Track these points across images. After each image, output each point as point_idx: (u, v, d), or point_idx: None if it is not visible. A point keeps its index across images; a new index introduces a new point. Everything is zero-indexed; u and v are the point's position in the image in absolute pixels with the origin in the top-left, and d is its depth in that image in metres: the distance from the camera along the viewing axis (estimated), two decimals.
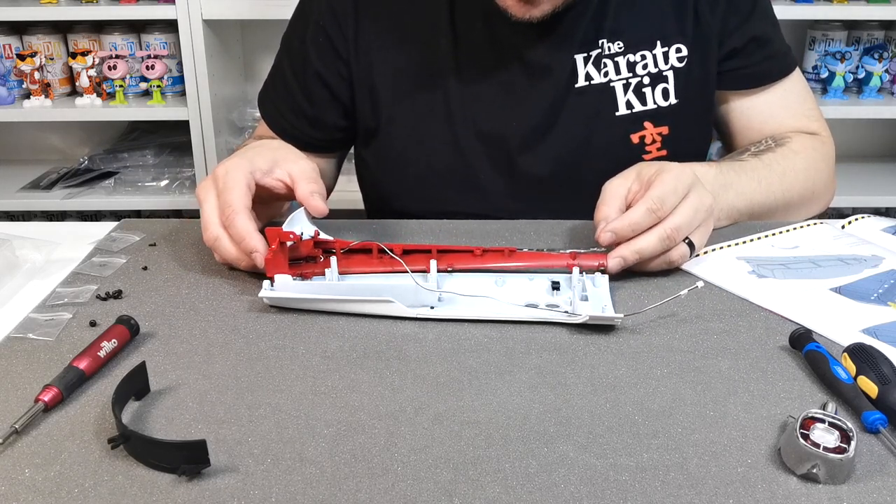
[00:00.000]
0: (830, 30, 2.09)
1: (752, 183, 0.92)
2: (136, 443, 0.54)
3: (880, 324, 0.70)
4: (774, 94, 1.04)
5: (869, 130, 2.34)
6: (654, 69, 0.98)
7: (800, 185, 0.97)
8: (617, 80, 0.98)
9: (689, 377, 0.64)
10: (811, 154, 1.00)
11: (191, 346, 0.68)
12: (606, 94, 0.98)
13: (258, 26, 2.20)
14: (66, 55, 2.11)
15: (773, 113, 1.04)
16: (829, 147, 1.05)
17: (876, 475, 0.53)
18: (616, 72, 0.98)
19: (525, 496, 0.51)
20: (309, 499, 0.51)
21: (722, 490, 0.51)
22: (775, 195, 0.94)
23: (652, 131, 0.99)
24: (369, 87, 1.01)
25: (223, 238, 0.77)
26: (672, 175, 0.77)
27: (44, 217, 2.24)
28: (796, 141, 1.00)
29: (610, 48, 0.97)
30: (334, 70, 1.01)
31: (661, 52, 0.98)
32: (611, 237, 0.76)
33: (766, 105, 1.04)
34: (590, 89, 0.98)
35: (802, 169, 0.98)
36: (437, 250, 0.78)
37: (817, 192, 1.01)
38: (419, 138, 1.01)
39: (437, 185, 1.02)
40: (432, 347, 0.68)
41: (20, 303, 0.77)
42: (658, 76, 0.98)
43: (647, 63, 0.98)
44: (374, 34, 1.00)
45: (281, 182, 0.82)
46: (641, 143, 0.99)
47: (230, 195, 0.77)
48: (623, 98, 0.98)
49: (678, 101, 0.99)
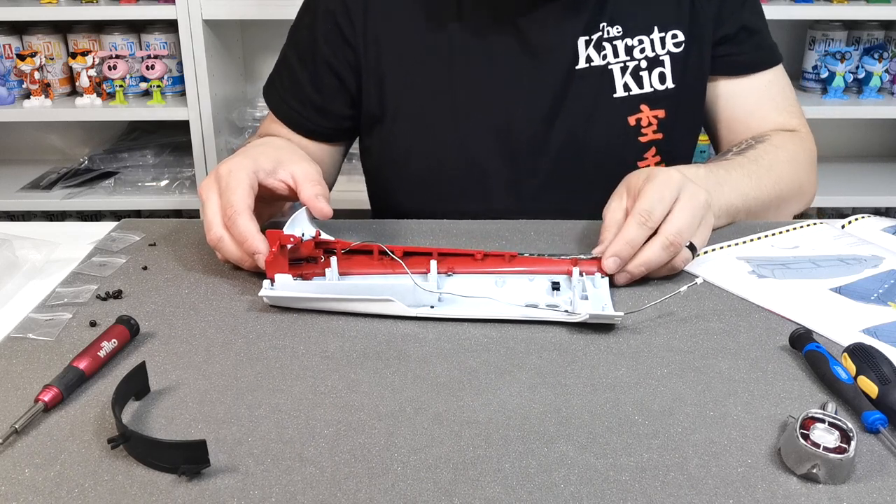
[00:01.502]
0: (830, 30, 2.09)
1: (743, 178, 0.93)
2: (136, 443, 0.54)
3: (880, 324, 0.70)
4: (759, 84, 1.06)
5: (869, 130, 2.34)
6: (652, 53, 1.00)
7: (787, 176, 0.99)
8: (615, 62, 1.00)
9: (689, 377, 0.64)
10: (792, 147, 1.02)
11: (191, 346, 0.68)
12: (605, 77, 1.00)
13: (258, 26, 2.20)
14: (66, 55, 2.11)
15: (757, 104, 1.06)
16: (810, 142, 1.07)
17: (876, 475, 0.53)
18: (614, 55, 1.00)
19: (525, 496, 0.51)
20: (309, 499, 0.51)
21: (722, 490, 0.51)
22: (767, 188, 0.95)
23: (648, 114, 1.01)
24: (378, 75, 1.02)
25: (226, 238, 0.77)
26: (657, 183, 0.77)
27: (44, 217, 2.24)
28: (776, 137, 1.02)
29: (609, 32, 1.00)
30: (342, 58, 1.02)
31: (659, 38, 1.00)
32: (615, 262, 0.76)
33: (751, 94, 1.06)
34: (590, 71, 1.00)
35: (786, 161, 0.99)
36: (437, 253, 0.78)
37: (803, 184, 1.03)
38: (425, 124, 1.02)
39: (442, 170, 1.03)
40: (432, 347, 0.68)
41: (20, 303, 0.77)
42: (655, 60, 1.01)
43: (644, 48, 1.00)
44: (383, 22, 1.01)
45: (284, 183, 0.82)
46: (637, 126, 1.01)
47: (233, 195, 0.77)
48: (620, 80, 1.00)
49: (675, 85, 1.01)
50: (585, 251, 0.82)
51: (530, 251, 0.83)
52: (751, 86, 1.06)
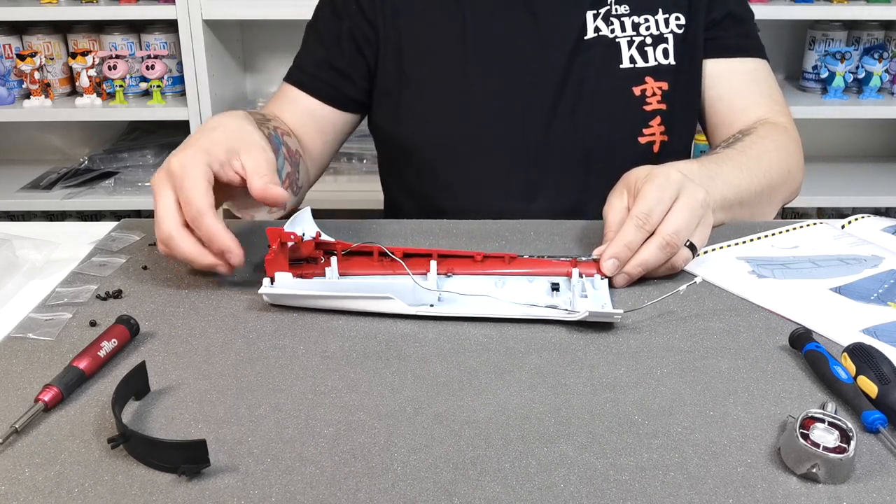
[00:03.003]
0: (830, 30, 2.09)
1: (734, 171, 0.93)
2: (136, 442, 0.54)
3: (880, 324, 0.70)
4: (744, 69, 1.10)
5: (869, 130, 2.35)
6: (656, 31, 1.06)
7: (776, 163, 1.00)
8: (623, 36, 1.05)
9: (688, 377, 0.64)
10: (778, 137, 1.04)
11: (191, 346, 0.68)
12: (612, 48, 1.05)
13: (258, 26, 2.20)
14: (66, 55, 2.11)
15: (741, 86, 1.10)
16: (795, 135, 1.09)
17: (876, 475, 0.53)
18: (622, 29, 1.06)
19: (525, 496, 0.51)
20: (309, 498, 0.51)
21: (722, 490, 0.52)
22: (758, 179, 0.96)
23: (653, 85, 1.06)
24: (396, 49, 1.07)
25: (177, 236, 0.74)
26: (656, 184, 0.77)
27: (44, 217, 2.24)
28: (762, 128, 1.04)
29: (616, 9, 1.06)
30: (361, 32, 1.08)
31: (663, 18, 1.06)
32: (613, 264, 0.76)
33: (735, 76, 1.10)
34: (598, 41, 1.05)
35: (774, 150, 1.01)
36: (437, 255, 0.78)
37: (792, 169, 1.04)
38: (437, 92, 1.06)
39: (454, 134, 1.07)
40: (432, 347, 0.68)
41: (20, 303, 0.77)
42: (659, 38, 1.06)
43: (649, 25, 1.06)
44: (402, 1, 1.07)
45: (238, 175, 0.78)
46: (643, 96, 1.05)
47: (192, 194, 0.73)
48: (627, 53, 1.05)
49: (676, 62, 1.07)
50: (585, 251, 0.82)
51: (530, 253, 0.83)
52: (734, 68, 1.10)
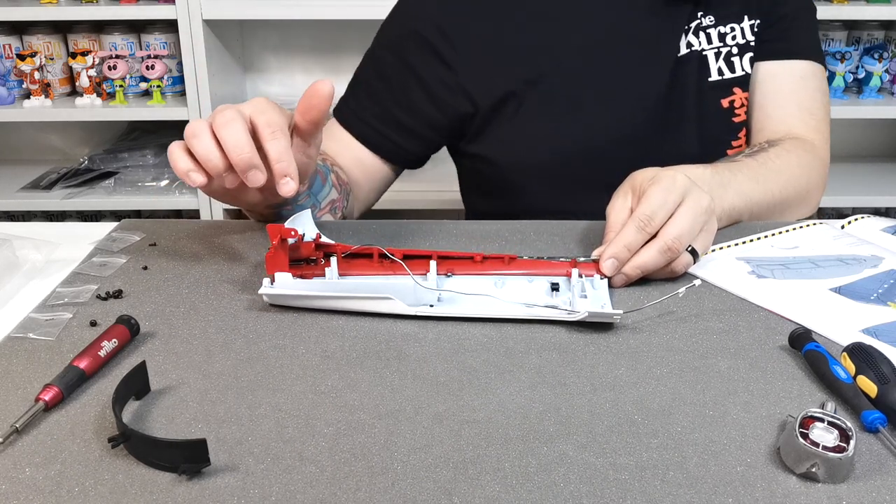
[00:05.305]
0: (830, 30, 2.09)
1: (749, 182, 0.92)
2: (137, 442, 0.54)
3: (880, 324, 0.70)
4: (792, 75, 1.09)
5: (869, 130, 2.35)
6: (742, 40, 1.07)
7: (795, 181, 0.99)
8: (709, 49, 1.06)
9: (688, 377, 0.64)
10: (803, 155, 1.03)
11: (191, 345, 0.68)
12: (702, 62, 1.06)
13: (258, 26, 2.20)
14: (66, 55, 2.11)
15: (782, 95, 1.08)
16: (824, 154, 1.08)
17: (875, 474, 0.53)
18: (708, 42, 1.06)
19: (525, 495, 0.51)
20: (309, 498, 0.51)
21: (721, 489, 0.52)
22: (773, 193, 0.95)
23: (740, 96, 1.07)
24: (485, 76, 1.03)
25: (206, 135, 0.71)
26: (661, 187, 0.76)
27: (44, 217, 2.24)
28: (789, 142, 1.03)
29: (703, 21, 1.06)
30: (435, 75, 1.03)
31: (748, 25, 1.07)
32: (612, 264, 0.76)
33: (779, 82, 1.08)
34: (690, 57, 1.06)
35: (796, 166, 1.00)
36: (437, 256, 0.78)
37: (811, 190, 1.03)
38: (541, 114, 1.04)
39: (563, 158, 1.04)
40: (432, 347, 0.68)
41: (20, 303, 0.77)
42: (745, 46, 1.07)
43: (735, 35, 1.07)
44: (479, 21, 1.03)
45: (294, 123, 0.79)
46: (731, 107, 1.07)
47: (273, 116, 0.72)
48: (715, 65, 1.06)
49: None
50: (585, 252, 0.82)
51: (530, 253, 0.83)
52: (781, 71, 1.09)
